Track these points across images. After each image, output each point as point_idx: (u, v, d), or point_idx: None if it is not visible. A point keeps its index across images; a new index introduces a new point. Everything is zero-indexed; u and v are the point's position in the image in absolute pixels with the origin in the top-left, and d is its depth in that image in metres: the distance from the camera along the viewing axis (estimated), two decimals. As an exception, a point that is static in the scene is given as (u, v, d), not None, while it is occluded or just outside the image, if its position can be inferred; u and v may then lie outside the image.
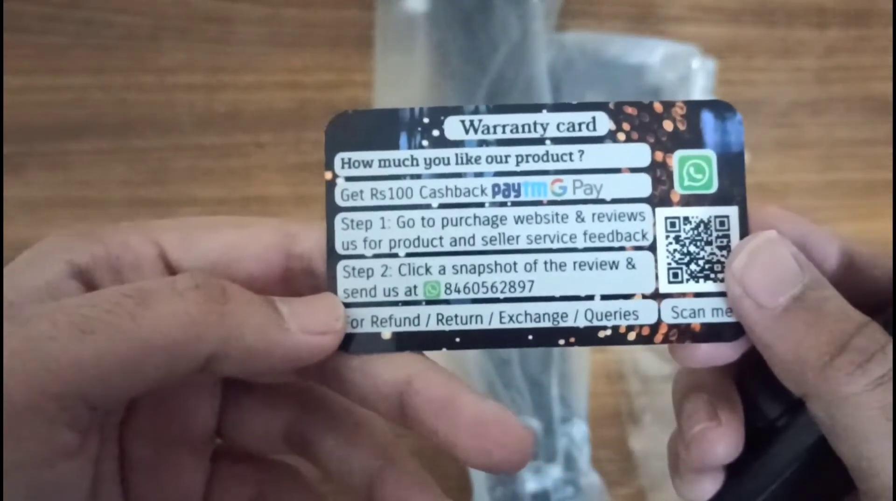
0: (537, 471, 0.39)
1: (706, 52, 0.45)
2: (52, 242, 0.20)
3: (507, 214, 0.21)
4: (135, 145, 0.43)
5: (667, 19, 0.46)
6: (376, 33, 0.44)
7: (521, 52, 0.43)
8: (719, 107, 0.21)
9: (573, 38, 0.45)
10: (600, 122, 0.21)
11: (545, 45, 0.43)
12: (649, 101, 0.21)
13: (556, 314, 0.21)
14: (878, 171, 0.45)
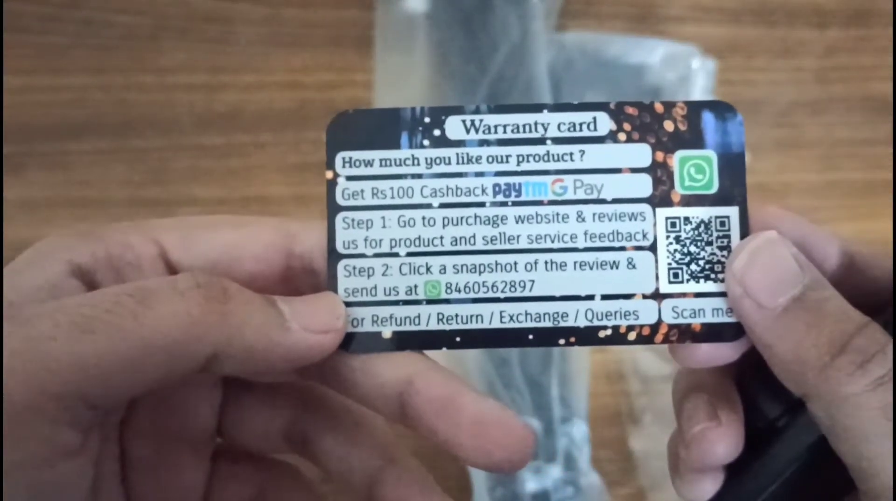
0: (537, 471, 0.39)
1: (706, 52, 0.45)
2: (53, 241, 0.20)
3: (507, 213, 0.21)
4: (135, 145, 0.43)
5: (667, 19, 0.46)
6: (376, 33, 0.44)
7: (521, 53, 0.43)
8: (720, 107, 0.21)
9: (573, 38, 0.45)
10: (601, 122, 0.21)
11: (545, 45, 0.43)
12: (650, 101, 0.21)
13: (557, 313, 0.21)
14: (878, 171, 0.45)
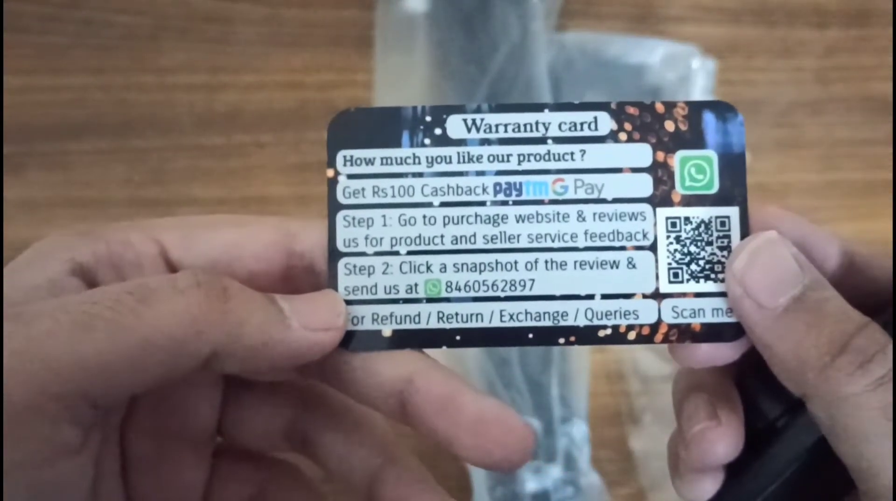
0: (537, 471, 0.39)
1: (706, 52, 0.45)
2: (54, 240, 0.20)
3: (508, 213, 0.21)
4: (135, 145, 0.43)
5: (667, 19, 0.46)
6: (376, 33, 0.44)
7: (521, 52, 0.43)
8: (721, 108, 0.21)
9: (573, 38, 0.45)
10: (602, 122, 0.21)
11: (545, 45, 0.43)
12: (651, 101, 0.21)
13: (557, 312, 0.21)
14: (878, 171, 0.45)
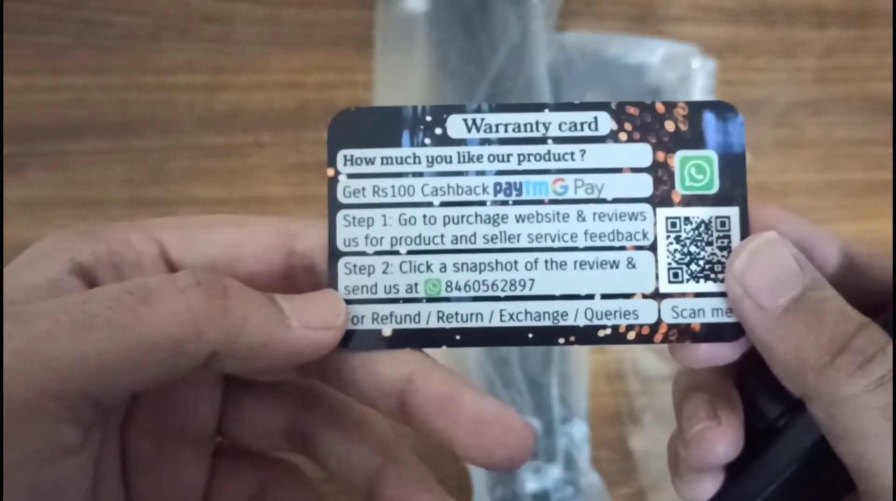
0: (537, 471, 0.39)
1: (706, 52, 0.45)
2: (54, 240, 0.20)
3: (508, 212, 0.21)
4: (135, 145, 0.43)
5: (667, 19, 0.46)
6: (376, 33, 0.44)
7: (521, 52, 0.43)
8: (721, 108, 0.21)
9: (573, 38, 0.45)
10: (602, 122, 0.21)
11: (545, 45, 0.43)
12: (651, 101, 0.21)
13: (557, 312, 0.21)
14: (878, 171, 0.45)
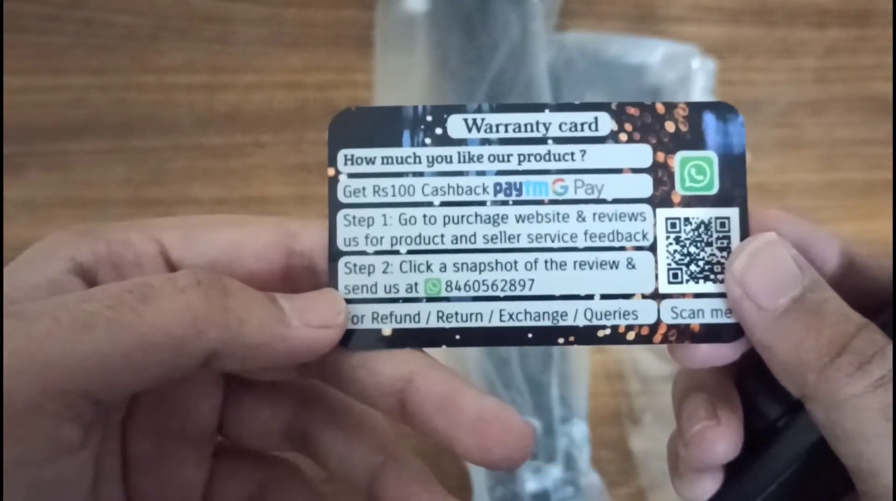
0: (537, 471, 0.39)
1: (706, 52, 0.45)
2: (54, 240, 0.20)
3: (508, 212, 0.21)
4: (135, 145, 0.43)
5: (667, 19, 0.46)
6: (376, 33, 0.44)
7: (521, 53, 0.43)
8: (721, 108, 0.21)
9: (573, 38, 0.45)
10: (602, 122, 0.21)
11: (545, 45, 0.43)
12: (651, 102, 0.21)
13: (556, 312, 0.21)
14: (878, 171, 0.45)
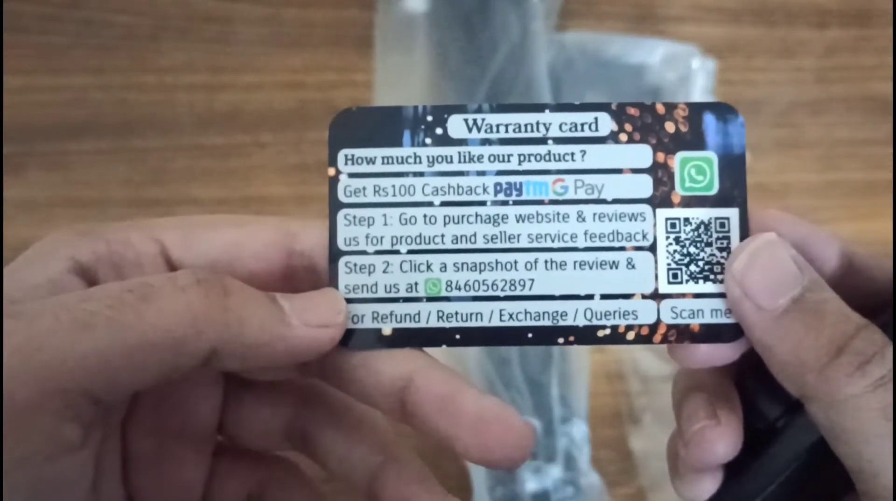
0: (537, 471, 0.39)
1: (706, 52, 0.45)
2: (54, 239, 0.20)
3: (508, 212, 0.21)
4: (135, 145, 0.43)
5: (667, 19, 0.46)
6: (376, 33, 0.44)
7: (521, 52, 0.43)
8: (721, 109, 0.21)
9: (573, 38, 0.45)
10: (602, 122, 0.21)
11: (545, 45, 0.43)
12: (651, 102, 0.21)
13: (556, 312, 0.21)
14: (878, 171, 0.45)
